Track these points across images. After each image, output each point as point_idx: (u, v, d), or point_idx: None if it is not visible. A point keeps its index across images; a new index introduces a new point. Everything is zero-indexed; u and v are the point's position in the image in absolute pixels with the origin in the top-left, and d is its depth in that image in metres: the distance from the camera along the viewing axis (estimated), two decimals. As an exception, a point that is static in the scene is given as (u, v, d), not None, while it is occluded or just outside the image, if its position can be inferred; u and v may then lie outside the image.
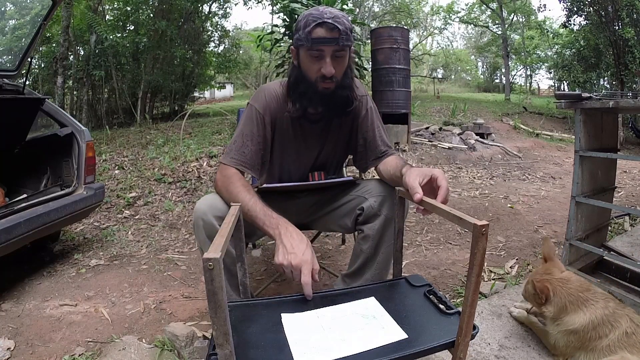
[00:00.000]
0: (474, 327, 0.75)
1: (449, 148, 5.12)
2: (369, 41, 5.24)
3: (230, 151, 1.16)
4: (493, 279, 1.80)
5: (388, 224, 1.16)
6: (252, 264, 2.06)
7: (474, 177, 4.14)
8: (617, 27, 8.18)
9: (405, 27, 8.13)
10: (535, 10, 15.85)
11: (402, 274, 1.06)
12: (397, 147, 4.66)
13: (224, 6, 10.96)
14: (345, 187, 1.30)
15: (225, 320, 0.58)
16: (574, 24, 9.47)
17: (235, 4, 13.13)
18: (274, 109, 1.19)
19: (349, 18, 1.09)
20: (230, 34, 12.60)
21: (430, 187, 0.92)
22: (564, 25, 9.69)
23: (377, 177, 1.29)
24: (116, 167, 3.85)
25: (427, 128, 5.88)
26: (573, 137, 3.13)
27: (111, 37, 7.68)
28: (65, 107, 7.49)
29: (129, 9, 8.42)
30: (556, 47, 13.48)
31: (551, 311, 1.18)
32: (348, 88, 1.15)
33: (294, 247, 0.93)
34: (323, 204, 1.34)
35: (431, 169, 0.94)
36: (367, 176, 1.60)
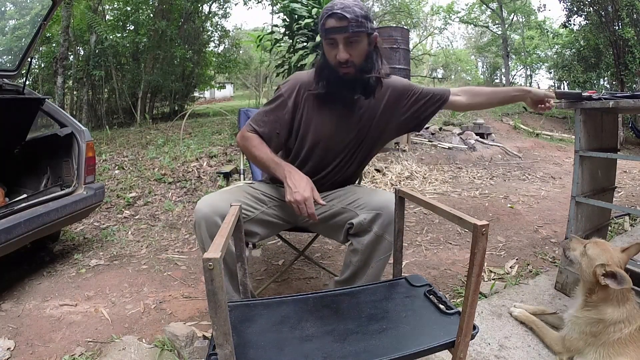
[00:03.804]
0: (474, 327, 0.75)
1: (449, 148, 5.12)
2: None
3: (252, 120, 1.30)
4: (493, 279, 1.80)
5: (379, 240, 1.17)
6: (252, 264, 2.06)
7: (474, 177, 4.14)
8: (617, 27, 8.17)
9: (405, 27, 8.13)
10: (535, 10, 15.85)
11: (402, 274, 1.06)
12: (397, 147, 4.66)
13: (224, 6, 10.94)
14: (342, 194, 1.31)
15: (225, 320, 0.58)
16: (574, 24, 9.46)
17: (235, 4, 13.13)
18: (304, 87, 1.26)
19: (364, 5, 1.15)
20: (230, 34, 12.56)
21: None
22: (564, 25, 9.67)
23: (372, 185, 1.30)
24: (116, 167, 3.85)
25: (427, 128, 5.87)
26: (573, 137, 3.13)
27: (111, 37, 7.67)
28: (65, 107, 7.49)
29: (129, 9, 8.41)
30: (556, 47, 13.47)
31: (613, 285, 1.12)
32: (369, 72, 1.20)
33: (297, 187, 1.11)
34: (318, 212, 1.35)
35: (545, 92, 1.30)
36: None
